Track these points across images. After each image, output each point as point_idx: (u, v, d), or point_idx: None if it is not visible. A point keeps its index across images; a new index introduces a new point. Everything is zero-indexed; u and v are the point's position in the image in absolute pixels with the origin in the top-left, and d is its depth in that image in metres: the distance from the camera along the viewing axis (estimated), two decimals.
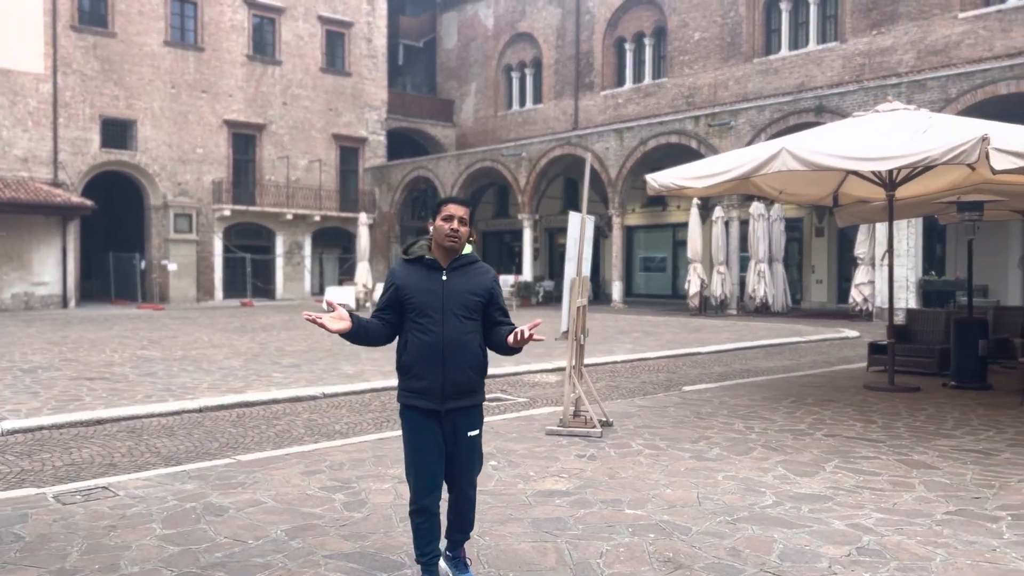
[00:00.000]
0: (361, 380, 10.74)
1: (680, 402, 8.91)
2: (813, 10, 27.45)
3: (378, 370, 11.68)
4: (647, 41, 32.47)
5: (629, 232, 30.77)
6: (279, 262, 33.62)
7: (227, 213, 31.51)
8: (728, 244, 23.78)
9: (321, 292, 33.55)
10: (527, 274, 29.20)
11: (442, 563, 3.90)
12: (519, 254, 31.10)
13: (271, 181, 33.12)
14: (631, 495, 5.38)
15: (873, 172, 9.50)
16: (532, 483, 5.69)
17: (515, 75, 38.00)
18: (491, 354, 3.83)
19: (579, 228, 7.30)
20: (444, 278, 3.64)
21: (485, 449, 6.62)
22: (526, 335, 3.52)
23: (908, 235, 20.11)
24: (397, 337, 3.77)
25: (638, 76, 33.02)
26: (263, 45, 33.15)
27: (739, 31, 28.95)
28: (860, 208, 11.90)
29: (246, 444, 7.27)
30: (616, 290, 27.18)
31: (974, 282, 21.78)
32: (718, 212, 23.64)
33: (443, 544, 3.93)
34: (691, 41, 30.43)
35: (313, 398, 9.63)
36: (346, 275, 34.62)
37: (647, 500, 5.28)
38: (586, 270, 7.45)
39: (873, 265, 20.58)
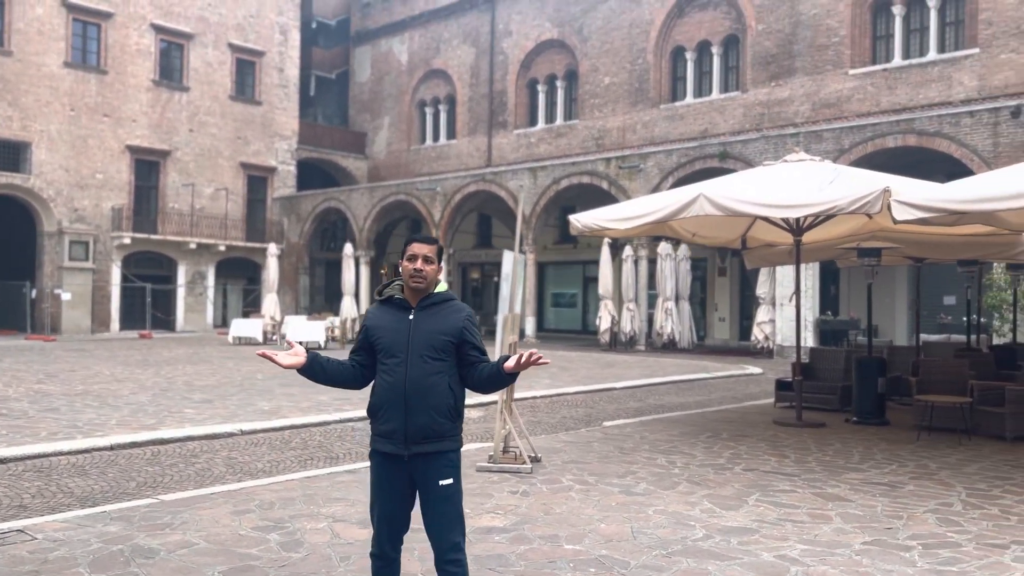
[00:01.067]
0: (279, 417, 10.51)
1: (603, 437, 9.11)
2: (716, 61, 28.77)
3: (295, 406, 11.46)
4: (559, 83, 33.30)
5: (541, 268, 31.19)
6: (180, 292, 32.51)
7: (127, 241, 30.34)
8: (637, 282, 24.44)
9: (224, 324, 32.61)
10: None
11: None
12: None
13: (175, 209, 32.13)
14: (568, 530, 5.49)
15: (782, 218, 10.04)
16: (469, 520, 5.68)
17: (429, 110, 38.24)
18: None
19: (512, 266, 7.44)
20: (411, 318, 3.56)
21: None
22: (532, 359, 3.43)
23: (807, 277, 21.13)
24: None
25: (550, 117, 33.77)
26: (170, 70, 32.34)
27: (647, 78, 30.05)
28: (767, 251, 12.50)
29: (166, 483, 7.03)
30: (529, 325, 27.45)
31: (861, 322, 23.06)
32: (627, 251, 24.30)
33: None
34: (601, 85, 31.38)
35: (231, 435, 9.37)
36: (251, 307, 33.77)
37: (584, 535, 5.39)
38: (518, 307, 7.58)
39: (774, 305, 21.54)
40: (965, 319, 20.82)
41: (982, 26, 23.01)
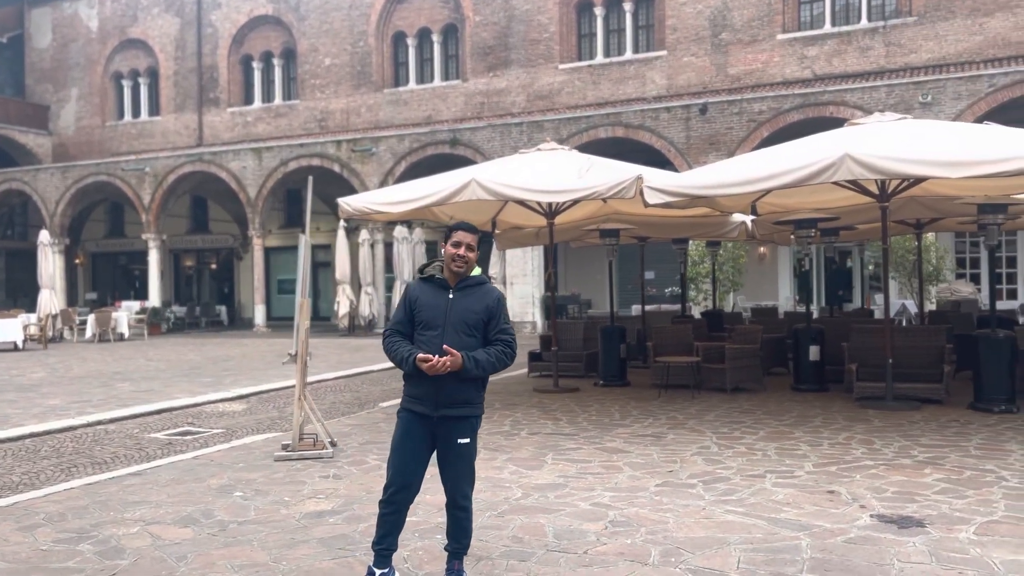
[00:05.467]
0: (12, 425, 9.33)
1: (385, 418, 9.27)
2: (437, 49, 29.57)
3: (25, 412, 10.23)
4: (276, 61, 32.15)
5: (267, 254, 30.01)
6: None
7: None
8: (375, 266, 24.52)
9: None
10: (154, 299, 27.01)
11: None
12: (140, 277, 28.64)
13: None
14: None
15: (538, 202, 10.83)
16: (294, 507, 5.66)
17: (127, 83, 34.97)
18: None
19: (303, 250, 7.34)
20: (451, 296, 3.98)
21: (218, 481, 6.44)
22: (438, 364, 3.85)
23: (532, 258, 22.68)
24: None
25: (268, 96, 32.51)
26: None
27: (369, 61, 30.07)
28: (516, 233, 13.36)
29: None
30: (259, 314, 26.42)
31: (581, 296, 25.20)
32: (364, 235, 24.26)
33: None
34: (322, 66, 30.84)
35: None
36: None
37: (414, 507, 5.55)
38: (306, 292, 7.50)
39: (504, 283, 22.79)
40: (667, 291, 23.69)
41: (668, 31, 26.07)
